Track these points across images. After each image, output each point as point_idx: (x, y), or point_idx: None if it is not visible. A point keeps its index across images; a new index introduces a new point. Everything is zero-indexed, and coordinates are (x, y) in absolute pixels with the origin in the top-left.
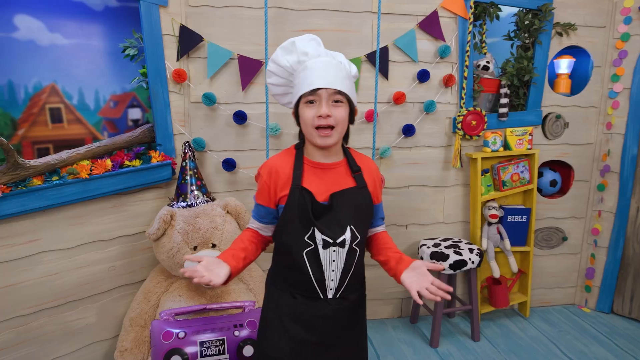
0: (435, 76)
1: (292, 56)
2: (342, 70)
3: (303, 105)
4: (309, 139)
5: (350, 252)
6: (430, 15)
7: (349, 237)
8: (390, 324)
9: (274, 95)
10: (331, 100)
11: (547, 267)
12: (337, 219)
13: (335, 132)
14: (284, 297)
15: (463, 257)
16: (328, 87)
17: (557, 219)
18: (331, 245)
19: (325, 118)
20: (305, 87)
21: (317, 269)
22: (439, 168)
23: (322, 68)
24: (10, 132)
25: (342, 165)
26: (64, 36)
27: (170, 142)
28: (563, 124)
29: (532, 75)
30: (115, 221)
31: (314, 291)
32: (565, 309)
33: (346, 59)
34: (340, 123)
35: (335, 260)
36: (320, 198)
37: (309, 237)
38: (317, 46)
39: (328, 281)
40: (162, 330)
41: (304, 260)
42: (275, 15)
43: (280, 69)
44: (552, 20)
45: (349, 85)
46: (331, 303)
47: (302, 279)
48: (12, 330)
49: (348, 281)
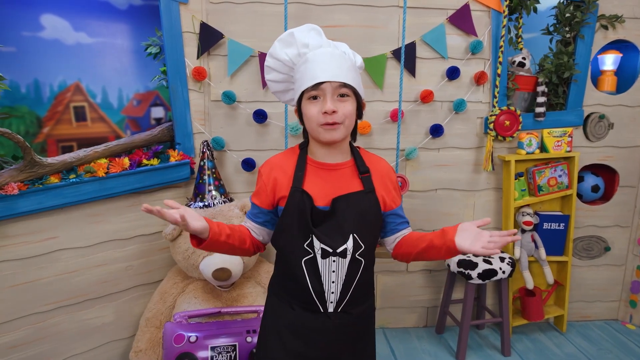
0: (466, 73)
1: (292, 49)
2: (346, 61)
3: (306, 102)
4: (313, 137)
5: (353, 263)
6: (461, 9)
7: (351, 247)
8: (415, 334)
9: (275, 92)
10: (336, 94)
11: (588, 278)
12: (339, 226)
13: (342, 127)
14: (282, 307)
15: (493, 267)
16: (332, 80)
17: (599, 228)
18: (330, 255)
19: (330, 114)
20: (307, 82)
21: (315, 280)
22: (469, 171)
23: (324, 60)
24: (36, 130)
25: (349, 166)
26: (89, 35)
27: (189, 141)
28: (607, 125)
29: (572, 72)
30: (133, 220)
31: (312, 303)
32: (607, 324)
33: (350, 49)
34: (348, 118)
35: (335, 271)
36: (322, 202)
37: (308, 245)
38: (318, 36)
39: (327, 293)
40: (174, 333)
41: (302, 269)
42: (297, 10)
43: (279, 64)
44: (596, 12)
45: (355, 77)
46: (332, 317)
47: (300, 290)
48: (29, 327)
49: (351, 294)
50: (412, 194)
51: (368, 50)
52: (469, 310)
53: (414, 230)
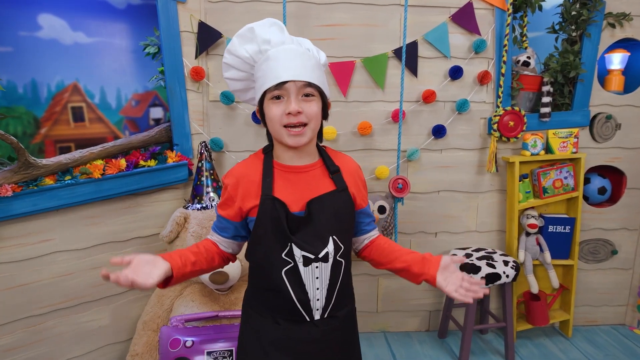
0: (469, 73)
1: (252, 45)
2: (310, 58)
3: (268, 102)
4: (277, 139)
5: (335, 266)
6: (465, 7)
7: (332, 249)
8: (417, 338)
9: (234, 91)
10: (301, 94)
11: (594, 282)
12: (316, 231)
13: (308, 129)
14: (264, 323)
15: (497, 270)
16: (296, 79)
17: (605, 230)
18: (313, 261)
19: (295, 115)
20: (269, 81)
21: (299, 290)
22: (472, 172)
23: (287, 57)
24: (33, 131)
25: (318, 166)
26: (87, 35)
27: (187, 141)
28: (614, 126)
29: (579, 72)
30: (131, 222)
31: (298, 314)
32: (613, 329)
33: (314, 46)
34: (313, 119)
35: (319, 277)
36: (296, 207)
37: (287, 255)
38: (280, 32)
39: (313, 301)
40: (169, 337)
41: (283, 280)
42: (297, 9)
43: (238, 61)
44: (603, 10)
45: (320, 75)
46: (319, 325)
47: (283, 302)
48: (24, 330)
49: (335, 297)
50: (413, 195)
51: (369, 49)
52: (472, 315)
53: (416, 233)
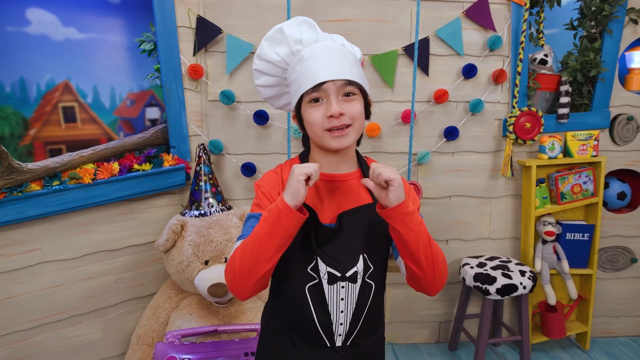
0: (484, 71)
1: (282, 47)
2: (347, 55)
3: (307, 106)
4: (318, 144)
5: (364, 288)
6: (479, 2)
7: (362, 269)
8: (426, 350)
9: (266, 99)
10: (341, 94)
11: (612, 292)
12: (347, 246)
13: (352, 130)
14: (281, 344)
15: (513, 281)
16: (335, 78)
17: (625, 238)
18: (339, 280)
19: (337, 117)
20: (306, 83)
21: (321, 310)
22: (486, 176)
23: (323, 56)
24: (22, 132)
25: (356, 176)
26: (79, 30)
27: (185, 144)
28: (636, 127)
29: (599, 70)
30: (124, 230)
31: (318, 337)
32: (632, 341)
33: (347, 41)
34: (357, 120)
35: (344, 298)
36: (327, 219)
37: (312, 269)
38: (312, 30)
39: (336, 325)
40: (165, 355)
41: (306, 297)
42: (301, 3)
43: (269, 66)
44: (625, 5)
45: (359, 72)
46: (340, 352)
47: (302, 322)
48: (9, 347)
49: (362, 324)
50: (424, 201)
51: (378, 46)
52: (487, 327)
53: None
